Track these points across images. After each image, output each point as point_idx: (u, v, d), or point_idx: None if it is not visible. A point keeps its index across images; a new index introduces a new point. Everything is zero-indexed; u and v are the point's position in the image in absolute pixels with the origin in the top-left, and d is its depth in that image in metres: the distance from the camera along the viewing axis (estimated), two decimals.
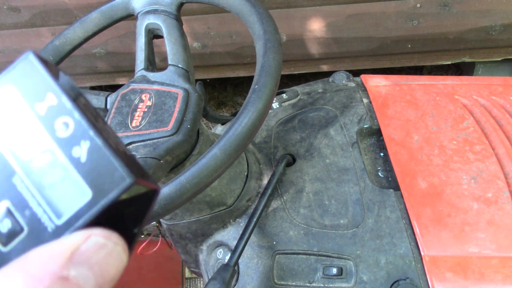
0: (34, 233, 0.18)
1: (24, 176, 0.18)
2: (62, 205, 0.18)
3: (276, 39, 0.53)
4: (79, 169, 0.18)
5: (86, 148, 0.18)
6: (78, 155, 0.18)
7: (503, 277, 0.57)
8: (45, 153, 0.18)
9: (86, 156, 0.18)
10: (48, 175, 0.18)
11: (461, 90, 0.80)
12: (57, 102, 0.18)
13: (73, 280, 0.17)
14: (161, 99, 0.58)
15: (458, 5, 1.42)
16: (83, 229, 0.18)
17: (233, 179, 0.67)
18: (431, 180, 0.66)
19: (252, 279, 0.64)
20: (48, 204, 0.18)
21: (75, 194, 0.18)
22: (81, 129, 0.18)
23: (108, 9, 0.67)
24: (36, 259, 0.17)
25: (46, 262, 0.17)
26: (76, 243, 0.17)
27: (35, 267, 0.16)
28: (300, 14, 1.45)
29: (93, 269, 0.17)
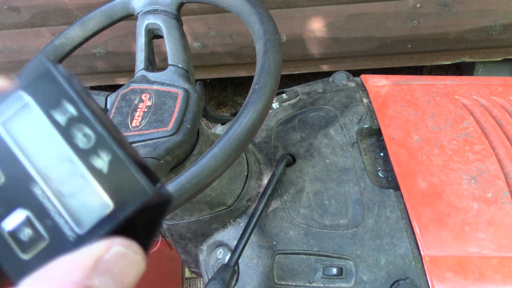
0: (56, 242, 0.18)
1: (44, 184, 0.19)
2: (83, 215, 0.18)
3: (276, 39, 0.53)
4: (101, 180, 0.18)
5: (107, 160, 0.18)
6: (99, 167, 0.18)
7: (503, 277, 0.57)
8: (64, 162, 0.19)
9: (107, 168, 0.18)
10: (67, 184, 0.19)
11: (461, 90, 0.80)
12: (77, 112, 0.19)
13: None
14: (161, 99, 0.58)
15: (458, 5, 1.42)
16: (104, 239, 0.18)
17: (233, 179, 0.67)
18: (431, 180, 0.66)
19: (252, 279, 0.64)
20: (68, 213, 0.19)
21: (96, 205, 0.18)
22: (102, 141, 0.18)
23: (108, 9, 0.67)
24: (61, 269, 0.17)
25: (70, 272, 0.17)
26: (99, 252, 0.18)
27: (60, 277, 0.17)
28: (300, 14, 1.45)
29: (115, 278, 0.18)
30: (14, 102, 0.19)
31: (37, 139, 0.19)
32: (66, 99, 0.19)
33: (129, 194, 0.18)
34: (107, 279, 0.18)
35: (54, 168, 0.19)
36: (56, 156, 0.19)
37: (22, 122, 0.19)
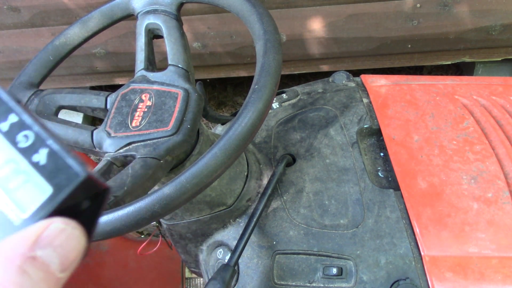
0: (3, 228, 0.21)
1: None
2: (27, 202, 0.21)
3: (276, 39, 0.53)
4: (40, 171, 0.22)
5: (45, 154, 0.22)
6: (37, 160, 0.22)
7: (503, 277, 0.57)
8: (9, 163, 0.22)
9: (45, 160, 0.22)
10: (12, 180, 0.22)
11: (461, 90, 0.80)
12: (18, 119, 0.22)
13: (40, 259, 0.20)
14: (161, 99, 0.58)
15: (458, 5, 1.42)
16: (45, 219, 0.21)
17: (233, 179, 0.67)
18: (431, 180, 0.66)
19: (252, 279, 0.65)
20: (15, 203, 0.21)
21: (38, 192, 0.21)
22: (39, 139, 0.22)
23: (108, 9, 0.67)
24: (7, 245, 0.20)
25: (16, 246, 0.20)
26: (40, 229, 0.20)
27: (7, 251, 0.19)
28: (300, 14, 1.45)
29: (57, 251, 0.20)
30: None
31: None
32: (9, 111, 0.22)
33: (64, 179, 0.21)
34: (49, 251, 0.20)
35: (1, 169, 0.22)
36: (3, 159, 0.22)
37: None
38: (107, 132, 0.57)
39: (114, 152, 0.55)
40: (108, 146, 0.56)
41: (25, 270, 0.19)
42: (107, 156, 0.55)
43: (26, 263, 0.19)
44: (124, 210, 0.44)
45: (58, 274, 0.20)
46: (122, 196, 0.48)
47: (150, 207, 0.44)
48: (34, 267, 0.19)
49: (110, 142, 0.56)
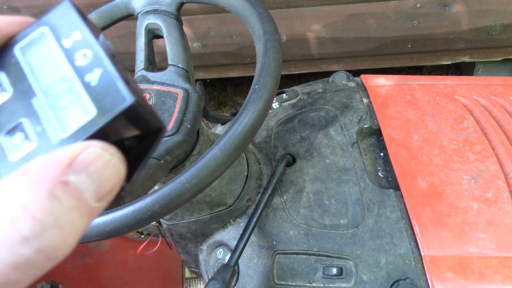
0: (41, 146, 0.20)
1: (43, 98, 0.21)
2: (69, 123, 0.20)
3: (276, 39, 0.53)
4: (89, 91, 0.20)
5: (98, 74, 0.20)
6: (89, 80, 0.20)
7: (503, 277, 0.57)
8: (63, 81, 0.21)
9: (97, 81, 0.20)
10: (63, 99, 0.21)
11: (461, 90, 0.80)
12: (82, 37, 0.21)
13: (73, 185, 0.18)
14: (161, 99, 0.58)
15: (458, 5, 1.42)
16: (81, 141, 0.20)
17: (233, 179, 0.67)
18: (431, 180, 0.66)
19: (252, 279, 0.65)
20: (58, 122, 0.21)
21: (82, 114, 0.20)
22: (97, 58, 0.21)
23: (108, 9, 0.67)
24: (38, 166, 0.18)
25: (47, 168, 0.18)
26: (75, 152, 0.19)
27: (37, 172, 0.18)
28: (300, 14, 1.45)
29: (92, 177, 0.19)
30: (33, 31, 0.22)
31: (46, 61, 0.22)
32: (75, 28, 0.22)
33: (111, 102, 0.20)
34: (83, 178, 0.18)
35: (55, 86, 0.21)
36: (58, 76, 0.21)
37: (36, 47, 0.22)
38: None
39: None
40: None
41: (55, 195, 0.17)
42: None
43: (57, 187, 0.18)
44: (124, 210, 0.44)
45: (92, 203, 0.19)
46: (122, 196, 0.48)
47: (150, 207, 0.44)
48: (66, 193, 0.18)
49: None
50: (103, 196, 0.19)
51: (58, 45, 0.22)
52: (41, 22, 0.22)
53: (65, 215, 0.18)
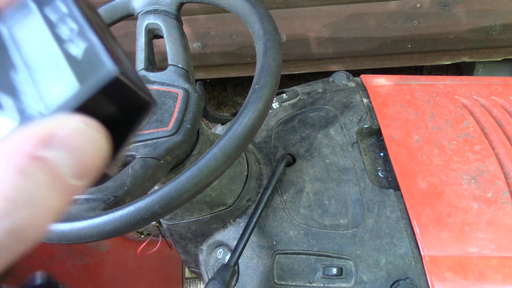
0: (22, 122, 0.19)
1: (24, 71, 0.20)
2: (51, 97, 0.19)
3: (276, 39, 0.53)
4: (72, 64, 0.19)
5: (83, 48, 0.20)
6: (75, 53, 0.20)
7: (503, 277, 0.57)
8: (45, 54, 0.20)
9: (81, 54, 0.20)
10: (44, 72, 0.20)
11: (461, 90, 0.80)
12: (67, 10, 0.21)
13: (50, 161, 0.17)
14: (161, 99, 0.58)
15: (458, 5, 1.42)
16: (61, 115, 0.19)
17: (233, 179, 0.67)
18: (431, 180, 0.66)
19: (252, 279, 0.65)
20: (39, 96, 0.19)
21: (65, 88, 0.19)
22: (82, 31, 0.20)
23: (108, 9, 0.67)
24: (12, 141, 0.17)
25: (21, 143, 0.17)
26: (54, 126, 0.17)
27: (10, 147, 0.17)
28: (300, 14, 1.45)
29: (72, 154, 0.17)
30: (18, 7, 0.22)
31: (30, 35, 0.21)
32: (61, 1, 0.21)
33: (94, 75, 0.19)
34: (62, 153, 0.17)
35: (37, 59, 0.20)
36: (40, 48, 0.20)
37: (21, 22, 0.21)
38: None
39: None
40: None
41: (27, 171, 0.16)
42: None
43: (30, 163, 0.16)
44: (124, 210, 0.44)
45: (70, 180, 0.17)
46: (122, 196, 0.48)
47: (150, 207, 0.44)
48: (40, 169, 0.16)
49: None
50: (84, 174, 0.18)
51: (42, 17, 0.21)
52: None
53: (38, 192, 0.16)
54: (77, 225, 0.43)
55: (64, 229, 0.43)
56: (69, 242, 0.43)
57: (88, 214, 0.44)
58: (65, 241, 0.43)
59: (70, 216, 0.44)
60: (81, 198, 0.48)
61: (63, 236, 0.43)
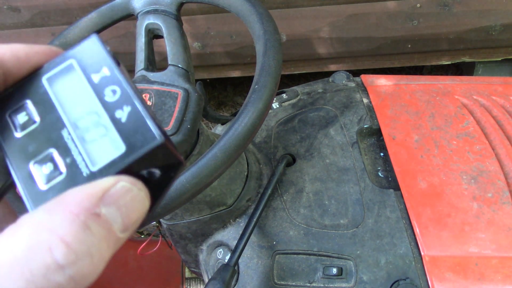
0: (71, 177, 0.21)
1: (72, 130, 0.22)
2: (99, 156, 0.21)
3: (276, 39, 0.53)
4: (118, 128, 0.21)
5: (127, 112, 0.21)
6: (119, 117, 0.21)
7: (503, 277, 0.57)
8: (92, 114, 0.22)
9: (126, 118, 0.21)
10: (91, 132, 0.22)
11: (461, 90, 0.80)
12: (110, 74, 0.22)
13: (104, 217, 0.19)
14: (161, 99, 0.58)
15: (458, 5, 1.42)
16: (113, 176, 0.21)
17: (233, 179, 0.67)
18: (431, 180, 0.66)
19: (252, 279, 0.64)
20: (87, 154, 0.21)
21: (112, 149, 0.21)
22: (126, 96, 0.22)
23: (108, 9, 0.67)
24: (73, 197, 0.19)
25: (81, 200, 0.19)
26: (107, 186, 0.20)
27: (72, 204, 0.19)
28: (300, 14, 1.45)
29: (121, 210, 0.20)
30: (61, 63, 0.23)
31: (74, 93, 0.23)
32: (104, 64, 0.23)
33: (140, 139, 0.21)
34: (113, 210, 0.20)
35: (83, 119, 0.22)
36: (87, 109, 0.22)
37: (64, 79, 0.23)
38: None
39: None
40: None
41: (88, 226, 0.18)
42: None
43: (90, 219, 0.19)
44: None
45: (119, 234, 0.20)
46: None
47: None
48: (97, 224, 0.19)
49: None
50: (129, 228, 0.20)
51: (87, 79, 0.22)
52: (69, 55, 0.23)
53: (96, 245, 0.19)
54: None
55: None
56: None
57: None
58: None
59: None
60: None
61: None
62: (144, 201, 0.21)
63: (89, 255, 0.18)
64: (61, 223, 0.18)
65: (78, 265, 0.18)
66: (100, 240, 0.19)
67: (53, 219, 0.18)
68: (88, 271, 0.18)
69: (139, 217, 0.21)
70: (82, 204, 0.19)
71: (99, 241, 0.19)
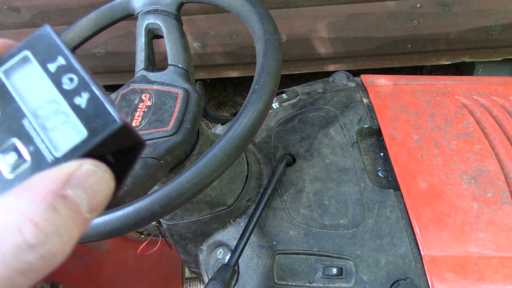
0: (36, 164, 0.22)
1: (33, 119, 0.22)
2: (62, 142, 0.22)
3: (276, 39, 0.53)
4: (79, 114, 0.22)
5: (86, 98, 0.22)
6: (79, 103, 0.22)
7: (503, 277, 0.57)
8: (51, 103, 0.22)
9: (85, 104, 0.22)
10: (52, 120, 0.22)
11: (461, 90, 0.80)
12: (66, 62, 0.23)
13: (70, 199, 0.20)
14: (161, 99, 0.58)
15: (458, 5, 1.42)
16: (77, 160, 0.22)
17: (233, 179, 0.67)
18: (431, 180, 0.66)
19: (252, 279, 0.64)
20: (50, 142, 0.22)
21: (74, 134, 0.22)
22: (83, 83, 0.22)
23: (108, 9, 0.67)
24: (39, 181, 0.20)
25: (48, 183, 0.20)
26: (72, 169, 0.21)
27: (38, 187, 0.20)
28: (300, 14, 1.45)
29: (87, 192, 0.21)
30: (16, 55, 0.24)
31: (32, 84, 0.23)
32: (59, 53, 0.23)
33: (101, 123, 0.22)
34: (79, 192, 0.21)
35: (43, 108, 0.22)
36: (46, 98, 0.23)
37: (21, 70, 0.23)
38: None
39: None
40: None
41: (55, 207, 0.19)
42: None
43: (57, 200, 0.20)
44: (124, 210, 0.44)
45: (86, 215, 0.21)
46: (122, 196, 0.48)
47: (150, 207, 0.44)
48: (64, 205, 0.20)
49: None
50: (95, 208, 0.21)
51: (43, 69, 0.23)
52: (23, 47, 0.24)
53: (64, 225, 0.20)
54: None
55: None
56: None
57: None
58: None
59: None
60: None
61: None
62: (108, 182, 0.22)
63: (58, 235, 0.19)
64: (29, 205, 0.19)
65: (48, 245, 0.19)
66: (68, 220, 0.20)
67: (21, 202, 0.19)
68: (57, 250, 0.19)
69: (105, 198, 0.22)
70: (48, 186, 0.20)
71: (67, 221, 0.20)
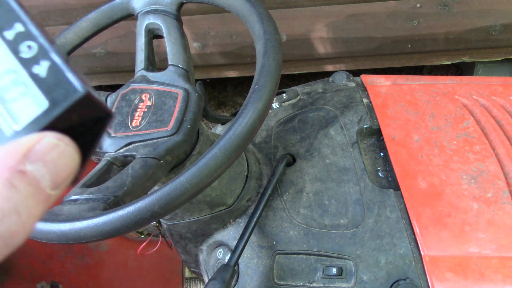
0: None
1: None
2: (21, 114, 0.20)
3: (276, 39, 0.53)
4: (39, 84, 0.21)
5: (46, 66, 0.21)
6: (38, 72, 0.21)
7: (503, 277, 0.57)
8: (9, 73, 0.21)
9: (45, 73, 0.21)
10: (11, 91, 0.21)
11: (461, 90, 0.80)
12: (24, 29, 0.21)
13: (30, 174, 0.19)
14: (161, 99, 0.58)
15: (458, 5, 1.42)
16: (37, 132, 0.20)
17: (233, 179, 0.67)
18: (431, 180, 0.66)
19: (252, 279, 0.65)
20: (9, 114, 0.21)
21: (34, 106, 0.20)
22: (43, 50, 0.21)
23: (108, 9, 0.67)
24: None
25: (4, 159, 0.19)
26: (31, 143, 0.20)
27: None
28: (300, 14, 1.45)
29: (48, 166, 0.20)
30: None
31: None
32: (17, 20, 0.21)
33: (62, 94, 0.20)
34: (40, 167, 0.19)
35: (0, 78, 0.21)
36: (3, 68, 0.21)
37: None
38: (107, 132, 0.57)
39: (114, 152, 0.55)
40: (108, 146, 0.56)
41: (13, 183, 0.18)
42: (107, 156, 0.55)
43: (15, 176, 0.18)
44: (124, 210, 0.44)
45: (49, 191, 0.20)
46: (122, 196, 0.48)
47: (150, 207, 0.44)
48: (23, 182, 0.19)
49: (110, 142, 0.56)
50: (59, 184, 0.20)
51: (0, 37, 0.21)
52: None
53: (23, 202, 0.18)
54: (77, 225, 0.43)
55: (64, 229, 0.43)
56: (69, 242, 0.43)
57: (88, 214, 0.44)
58: (65, 241, 0.43)
59: (70, 216, 0.44)
60: (81, 198, 0.48)
61: (63, 236, 0.43)
62: (73, 156, 0.21)
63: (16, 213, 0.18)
64: None
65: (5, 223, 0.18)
66: (27, 197, 0.19)
67: None
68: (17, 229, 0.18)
69: (69, 173, 0.21)
70: (5, 162, 0.19)
71: (26, 199, 0.18)
